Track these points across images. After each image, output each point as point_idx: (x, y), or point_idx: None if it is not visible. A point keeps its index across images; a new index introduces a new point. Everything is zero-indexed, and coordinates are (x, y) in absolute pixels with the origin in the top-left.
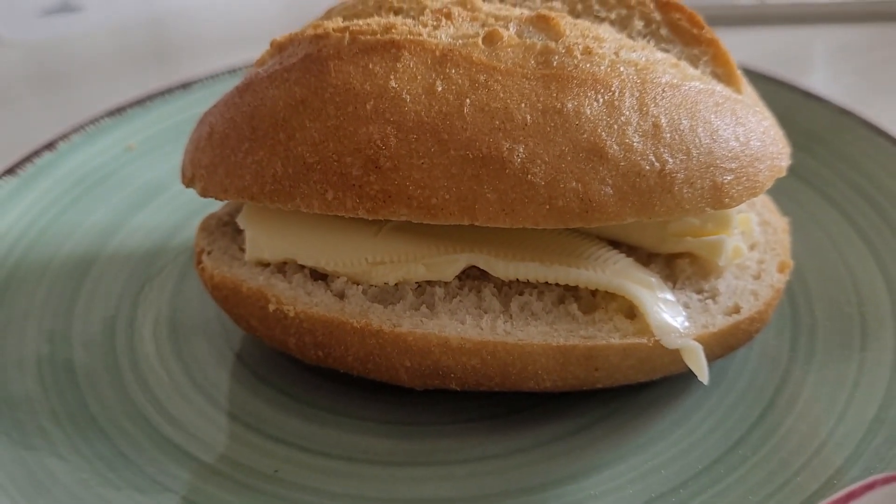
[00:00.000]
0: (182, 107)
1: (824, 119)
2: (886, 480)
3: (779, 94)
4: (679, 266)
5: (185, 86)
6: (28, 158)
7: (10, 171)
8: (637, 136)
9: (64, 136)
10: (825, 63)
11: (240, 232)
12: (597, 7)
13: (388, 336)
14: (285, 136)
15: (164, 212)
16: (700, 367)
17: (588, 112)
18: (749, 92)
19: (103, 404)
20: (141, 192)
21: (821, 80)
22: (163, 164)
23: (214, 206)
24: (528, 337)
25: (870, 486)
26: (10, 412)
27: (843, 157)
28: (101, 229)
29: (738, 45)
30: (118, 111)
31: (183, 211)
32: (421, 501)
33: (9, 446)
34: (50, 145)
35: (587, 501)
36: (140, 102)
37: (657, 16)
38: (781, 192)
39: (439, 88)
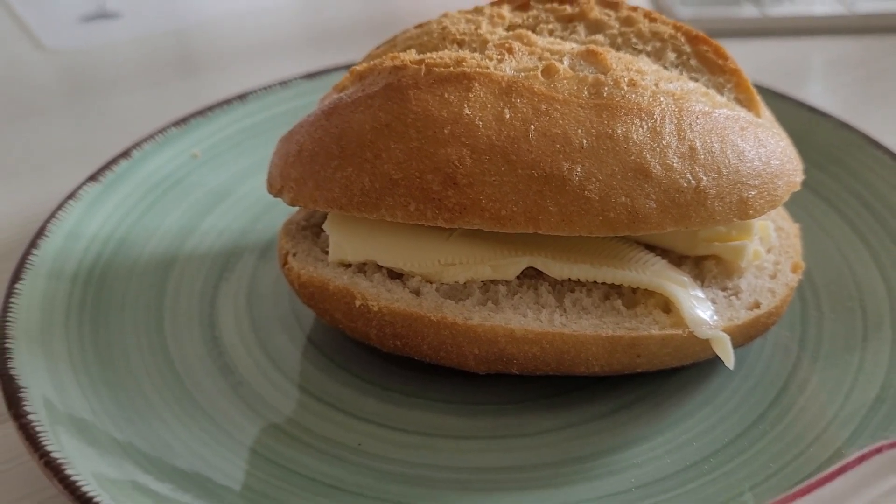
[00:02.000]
0: (239, 116)
1: (830, 135)
2: (892, 445)
3: (790, 111)
4: (706, 267)
5: (242, 97)
6: (107, 166)
7: (93, 177)
8: (676, 158)
9: (137, 145)
10: (823, 73)
11: (318, 235)
12: (634, 40)
13: (461, 328)
14: (372, 155)
15: (231, 215)
16: (727, 355)
17: (635, 137)
18: (767, 115)
19: (200, 387)
20: (208, 196)
21: (818, 90)
22: (225, 170)
23: (276, 210)
24: (581, 328)
25: (878, 450)
26: (124, 392)
27: (848, 171)
28: (177, 231)
29: (742, 55)
30: (182, 121)
31: (248, 215)
32: (486, 469)
33: (126, 421)
34: (126, 153)
35: (630, 469)
36: (201, 113)
37: (687, 48)
38: (792, 202)
39: (507, 115)
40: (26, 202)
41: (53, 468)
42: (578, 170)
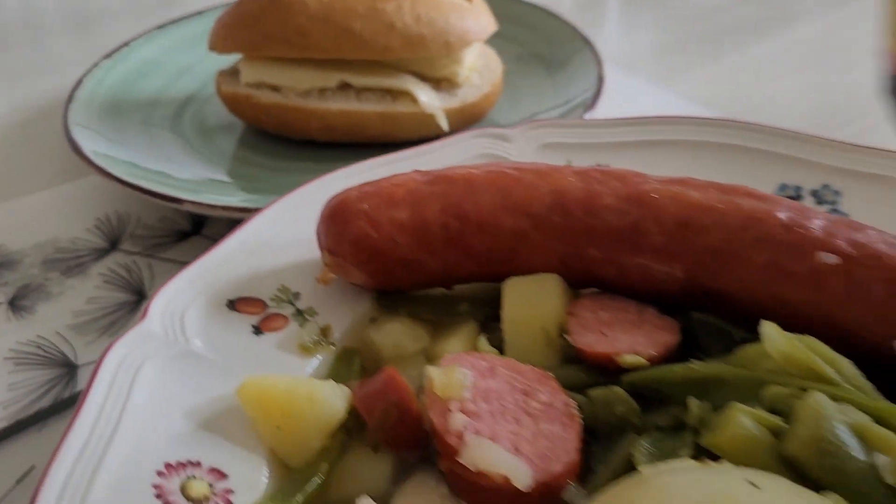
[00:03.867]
0: (199, 25)
1: (537, 17)
2: (481, 129)
3: (518, 7)
4: (441, 85)
5: (201, 13)
6: (116, 50)
7: (108, 56)
8: (410, 20)
9: (133, 39)
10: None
11: (236, 75)
12: None
13: (308, 110)
14: (259, 23)
15: (193, 78)
16: (444, 122)
17: (388, 10)
18: (478, 3)
19: (172, 149)
20: (179, 69)
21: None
22: (188, 55)
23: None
24: (369, 108)
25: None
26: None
27: (542, 35)
28: (161, 86)
29: None
30: (161, 27)
31: (201, 78)
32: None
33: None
34: (126, 44)
35: None
36: (175, 22)
37: None
38: (503, 52)
39: (326, 0)
40: (57, 85)
41: (109, 174)
42: (359, 25)
